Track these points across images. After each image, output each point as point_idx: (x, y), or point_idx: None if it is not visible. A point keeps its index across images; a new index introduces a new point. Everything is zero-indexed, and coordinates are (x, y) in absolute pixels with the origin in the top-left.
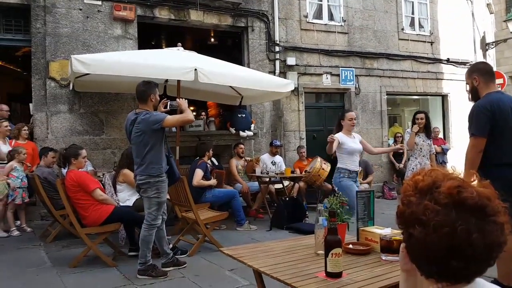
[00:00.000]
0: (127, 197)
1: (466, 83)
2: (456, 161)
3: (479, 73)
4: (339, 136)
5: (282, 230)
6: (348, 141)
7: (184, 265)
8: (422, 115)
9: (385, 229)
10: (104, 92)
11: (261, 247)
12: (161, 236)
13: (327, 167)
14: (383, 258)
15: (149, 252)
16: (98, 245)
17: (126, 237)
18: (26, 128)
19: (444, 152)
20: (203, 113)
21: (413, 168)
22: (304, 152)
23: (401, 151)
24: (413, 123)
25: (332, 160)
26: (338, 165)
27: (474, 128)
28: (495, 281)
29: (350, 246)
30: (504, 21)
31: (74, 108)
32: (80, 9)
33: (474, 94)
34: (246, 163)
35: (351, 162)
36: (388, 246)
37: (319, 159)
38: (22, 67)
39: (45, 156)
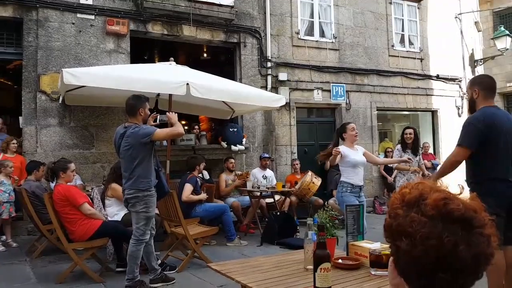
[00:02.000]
0: (115, 212)
1: (466, 92)
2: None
3: (481, 87)
4: (342, 149)
5: (273, 245)
6: (351, 153)
7: (173, 281)
8: (411, 130)
9: (374, 244)
10: (95, 106)
11: (250, 263)
12: (150, 252)
13: (317, 181)
14: (373, 273)
15: (137, 267)
16: (85, 260)
17: (114, 252)
18: (15, 141)
19: (434, 167)
20: (196, 127)
21: (401, 185)
22: (297, 164)
23: (409, 164)
24: (402, 138)
25: (326, 174)
26: (342, 178)
27: (463, 138)
28: None
29: (340, 260)
30: (492, 38)
31: (64, 121)
32: (73, 23)
33: (471, 106)
34: (236, 178)
35: (355, 176)
36: (378, 261)
37: (310, 173)
38: (13, 80)
39: (36, 171)
